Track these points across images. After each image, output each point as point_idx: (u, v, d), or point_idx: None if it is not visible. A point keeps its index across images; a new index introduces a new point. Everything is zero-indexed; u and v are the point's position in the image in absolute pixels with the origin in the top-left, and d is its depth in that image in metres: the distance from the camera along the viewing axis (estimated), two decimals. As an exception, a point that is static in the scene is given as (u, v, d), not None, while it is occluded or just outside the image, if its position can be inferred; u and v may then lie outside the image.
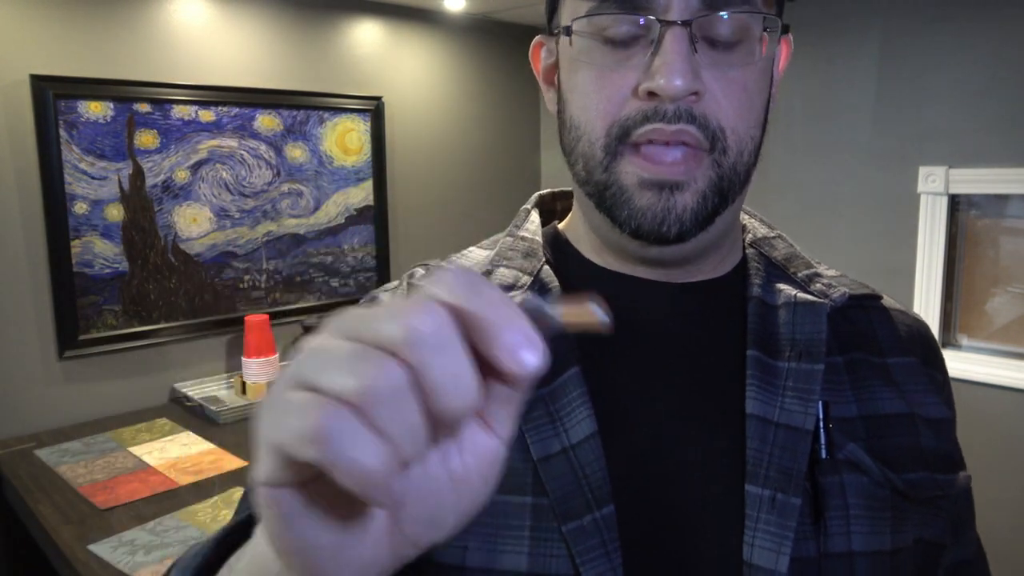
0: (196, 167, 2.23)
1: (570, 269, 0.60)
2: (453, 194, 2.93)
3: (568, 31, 0.52)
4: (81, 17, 2.00)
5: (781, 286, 0.57)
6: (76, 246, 2.03)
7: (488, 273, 0.59)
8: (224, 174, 2.30)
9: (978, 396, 2.07)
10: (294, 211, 2.48)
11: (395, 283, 0.63)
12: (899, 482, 0.52)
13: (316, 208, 2.53)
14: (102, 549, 1.38)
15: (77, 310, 2.04)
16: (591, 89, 0.51)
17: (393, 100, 2.69)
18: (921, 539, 0.54)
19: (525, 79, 3.06)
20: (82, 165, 2.01)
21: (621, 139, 0.50)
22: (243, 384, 2.23)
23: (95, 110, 2.03)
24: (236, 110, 2.30)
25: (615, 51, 0.50)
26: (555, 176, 3.14)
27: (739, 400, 0.53)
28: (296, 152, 2.45)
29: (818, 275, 0.58)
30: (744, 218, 0.65)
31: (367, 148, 2.64)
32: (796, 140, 2.38)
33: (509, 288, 0.57)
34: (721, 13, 0.48)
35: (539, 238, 0.62)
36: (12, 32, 1.90)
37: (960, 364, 2.10)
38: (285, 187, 2.44)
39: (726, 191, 0.51)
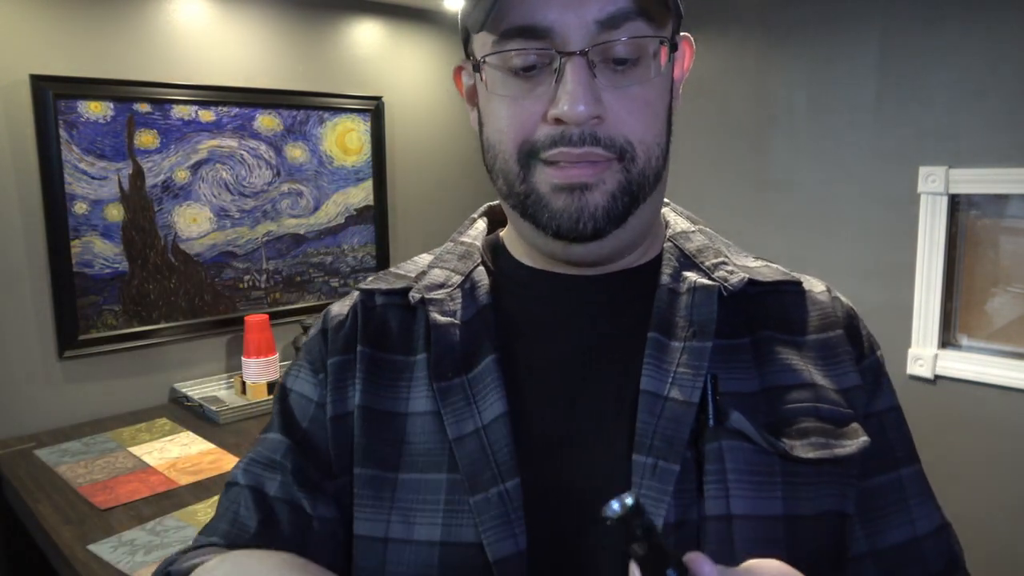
0: (196, 167, 2.23)
1: (502, 270, 0.66)
2: (453, 194, 2.93)
3: (477, 67, 0.57)
4: (81, 17, 2.00)
5: (688, 274, 0.62)
6: (76, 246, 2.03)
7: (423, 274, 0.65)
8: (224, 174, 2.30)
9: (978, 396, 2.07)
10: (294, 211, 2.48)
11: (347, 298, 0.68)
12: (783, 448, 0.54)
13: (316, 208, 2.53)
14: (102, 549, 1.38)
15: (77, 310, 2.04)
16: (504, 115, 0.56)
17: (393, 100, 2.69)
18: (838, 511, 0.57)
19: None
20: (82, 165, 2.01)
21: (532, 155, 0.55)
22: (243, 384, 2.23)
23: (95, 110, 2.03)
24: (236, 110, 2.30)
25: (523, 81, 0.55)
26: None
27: (639, 378, 0.57)
28: (296, 152, 2.45)
29: (725, 263, 0.63)
30: (669, 215, 0.70)
31: (367, 148, 2.64)
32: (796, 140, 2.38)
33: (440, 286, 0.63)
34: (616, 39, 0.52)
35: (478, 243, 0.69)
36: (12, 32, 1.90)
37: (960, 364, 2.10)
38: (285, 187, 2.44)
39: (636, 193, 0.56)
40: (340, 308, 0.67)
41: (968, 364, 2.09)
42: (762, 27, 2.39)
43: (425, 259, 0.69)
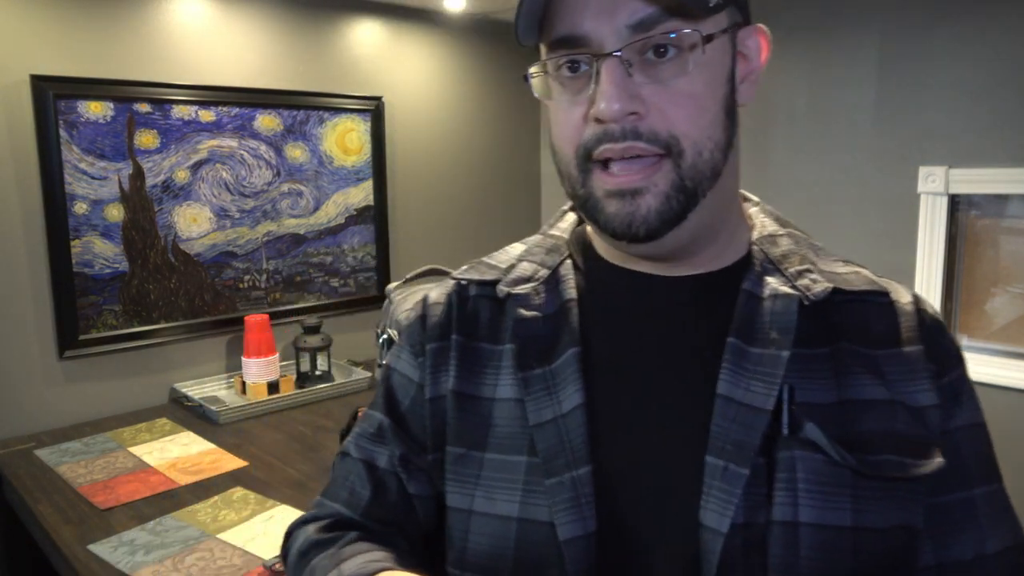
0: (196, 167, 2.23)
1: (588, 265, 0.68)
2: (453, 194, 2.93)
3: (527, 78, 0.62)
4: (81, 17, 2.00)
5: (771, 280, 0.62)
6: (76, 246, 2.03)
7: (513, 266, 0.69)
8: (224, 174, 2.30)
9: (978, 396, 2.07)
10: (294, 211, 2.48)
11: (443, 286, 0.72)
12: (855, 462, 0.56)
13: (316, 208, 2.53)
14: (102, 549, 1.38)
15: (77, 310, 2.04)
16: (559, 120, 0.60)
17: (393, 100, 2.69)
18: (906, 525, 0.57)
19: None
20: (82, 165, 2.01)
21: (587, 159, 0.58)
22: (243, 384, 2.23)
23: (95, 110, 2.03)
24: (236, 110, 2.30)
25: (570, 87, 0.58)
26: (555, 176, 3.13)
27: (715, 381, 0.59)
28: (296, 152, 2.45)
29: (810, 271, 0.62)
30: (756, 216, 0.69)
31: (367, 148, 2.64)
32: (796, 140, 2.38)
33: (527, 280, 0.67)
34: (647, 37, 0.54)
35: (566, 236, 0.72)
36: (12, 32, 1.90)
37: (960, 364, 2.09)
38: (285, 187, 2.44)
39: (692, 190, 0.57)
40: (437, 296, 0.71)
41: (968, 364, 2.09)
42: (762, 27, 2.39)
43: (516, 250, 0.73)
